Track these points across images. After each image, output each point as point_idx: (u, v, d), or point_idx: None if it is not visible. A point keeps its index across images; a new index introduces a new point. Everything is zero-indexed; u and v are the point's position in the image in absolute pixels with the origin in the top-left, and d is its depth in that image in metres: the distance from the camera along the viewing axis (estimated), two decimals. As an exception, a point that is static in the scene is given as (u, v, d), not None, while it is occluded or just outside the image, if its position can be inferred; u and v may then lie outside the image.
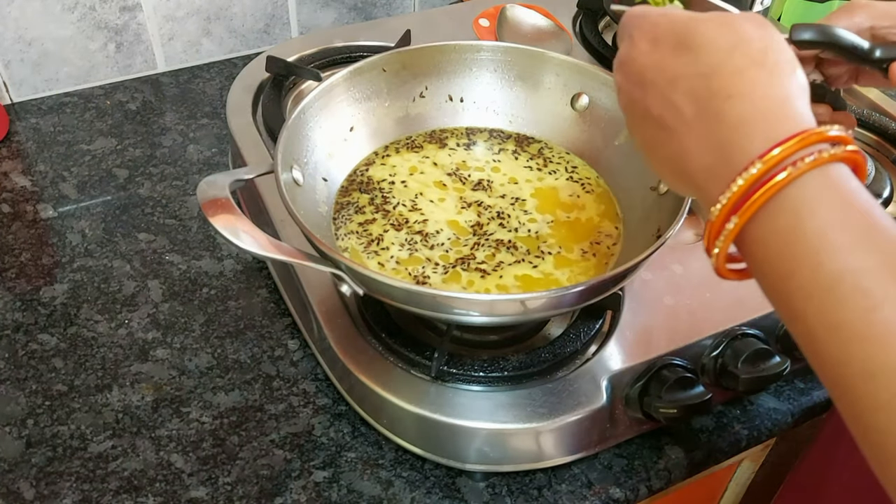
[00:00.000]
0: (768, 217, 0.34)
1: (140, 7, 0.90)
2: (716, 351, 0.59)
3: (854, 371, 0.31)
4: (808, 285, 0.32)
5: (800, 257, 0.32)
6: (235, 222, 0.50)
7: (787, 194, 0.33)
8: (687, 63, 0.37)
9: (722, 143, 0.35)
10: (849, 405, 0.32)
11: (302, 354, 0.65)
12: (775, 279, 0.34)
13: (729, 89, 0.35)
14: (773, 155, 0.33)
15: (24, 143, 0.85)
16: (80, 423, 0.60)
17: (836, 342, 0.31)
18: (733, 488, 0.78)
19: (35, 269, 0.71)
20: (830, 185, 0.33)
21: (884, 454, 0.30)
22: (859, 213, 0.32)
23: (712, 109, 0.36)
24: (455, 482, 0.57)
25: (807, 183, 0.33)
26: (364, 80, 0.65)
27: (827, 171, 0.33)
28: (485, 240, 0.59)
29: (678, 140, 0.37)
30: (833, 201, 0.32)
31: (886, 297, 0.30)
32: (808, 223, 0.32)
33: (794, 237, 0.33)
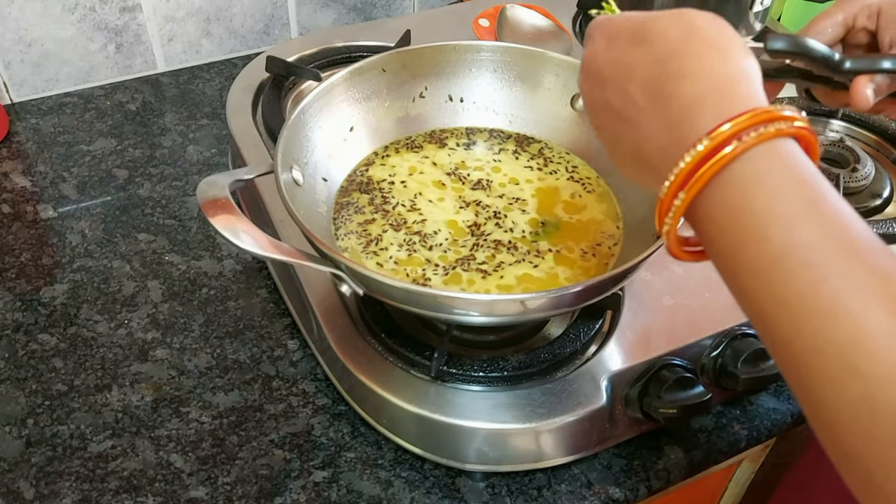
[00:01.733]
0: (716, 193, 0.34)
1: (140, 8, 0.90)
2: (715, 351, 0.59)
3: (803, 346, 0.31)
4: (755, 261, 0.32)
5: (747, 233, 0.32)
6: (235, 222, 0.50)
7: (733, 169, 0.33)
8: (642, 53, 0.38)
9: (676, 123, 0.35)
10: (800, 382, 0.31)
11: (301, 354, 0.65)
12: (725, 256, 0.34)
13: (682, 70, 0.36)
14: (722, 131, 0.33)
15: (24, 144, 0.85)
16: (80, 422, 0.60)
17: (784, 317, 0.31)
18: (733, 488, 0.78)
19: (35, 269, 0.71)
20: (777, 160, 0.33)
21: (834, 429, 0.30)
22: (806, 186, 0.32)
23: (666, 91, 0.36)
24: (455, 482, 0.57)
25: (753, 158, 0.33)
26: (364, 81, 0.65)
27: (774, 146, 0.33)
28: (483, 240, 0.59)
29: (635, 128, 0.38)
30: (779, 176, 0.32)
31: (833, 271, 0.30)
32: (754, 198, 0.32)
33: (740, 212, 0.33)
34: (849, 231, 0.31)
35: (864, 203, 0.73)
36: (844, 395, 0.29)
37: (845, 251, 0.30)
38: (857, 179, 0.74)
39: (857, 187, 0.74)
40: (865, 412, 0.29)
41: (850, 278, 0.30)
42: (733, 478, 0.77)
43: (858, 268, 0.30)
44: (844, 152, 0.76)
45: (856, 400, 0.29)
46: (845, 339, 0.29)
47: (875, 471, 0.29)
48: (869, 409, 0.29)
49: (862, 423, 0.29)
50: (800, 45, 0.46)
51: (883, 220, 0.69)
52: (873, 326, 0.29)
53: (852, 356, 0.29)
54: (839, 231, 0.31)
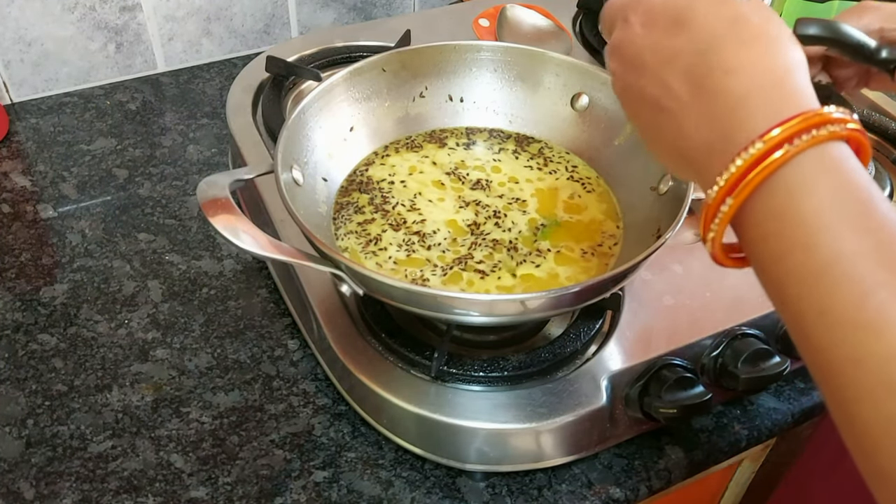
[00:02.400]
0: (764, 197, 0.33)
1: (140, 7, 0.90)
2: (716, 351, 0.59)
3: (841, 357, 0.30)
4: (800, 268, 0.31)
5: (793, 239, 0.31)
6: (235, 222, 0.50)
7: (783, 174, 0.32)
8: (683, 41, 0.36)
9: (721, 119, 0.34)
10: (834, 393, 0.31)
11: (302, 354, 0.65)
12: (768, 262, 0.33)
13: (727, 64, 0.34)
14: (773, 136, 0.32)
15: (24, 143, 0.85)
16: (80, 423, 0.60)
17: (824, 327, 0.30)
18: (733, 488, 0.78)
19: (35, 269, 0.71)
20: (828, 165, 0.32)
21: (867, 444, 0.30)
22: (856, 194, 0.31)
23: (710, 85, 0.35)
24: (455, 482, 0.57)
25: (803, 162, 0.32)
26: (364, 80, 0.65)
27: (825, 150, 0.32)
28: (482, 239, 0.59)
29: (676, 120, 0.36)
30: (829, 182, 0.31)
31: (879, 283, 0.29)
32: (803, 204, 0.31)
33: (788, 218, 0.32)
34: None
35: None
36: (880, 411, 0.29)
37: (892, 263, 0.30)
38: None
39: (857, 187, 0.74)
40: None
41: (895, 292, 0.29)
42: (733, 478, 0.77)
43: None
44: (844, 152, 0.76)
45: (891, 415, 0.28)
46: (887, 353, 0.29)
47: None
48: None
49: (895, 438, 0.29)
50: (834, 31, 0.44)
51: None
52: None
53: (892, 371, 0.28)
54: (887, 242, 0.30)
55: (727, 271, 0.39)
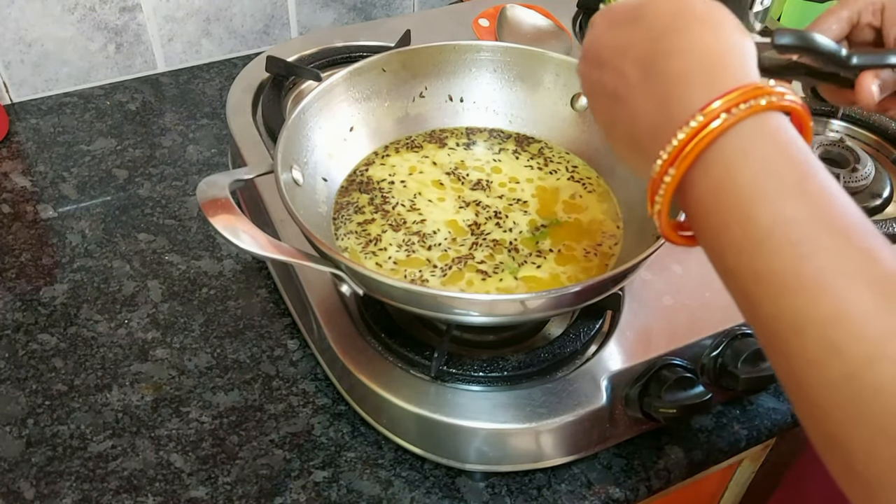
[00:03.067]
0: (703, 170, 0.33)
1: (140, 8, 0.90)
2: (716, 351, 0.59)
3: (785, 325, 0.30)
4: (739, 238, 0.31)
5: (732, 210, 0.32)
6: (235, 222, 0.50)
7: (721, 144, 0.32)
8: (636, 33, 0.37)
9: (663, 100, 0.35)
10: (782, 363, 0.31)
11: (301, 354, 0.65)
12: (711, 235, 0.33)
13: (671, 46, 0.35)
14: (714, 108, 0.32)
15: (24, 144, 0.85)
16: (80, 422, 0.60)
17: (766, 296, 0.31)
18: (733, 488, 0.78)
19: (35, 269, 0.71)
20: (765, 134, 0.32)
21: (815, 411, 0.30)
22: (793, 162, 0.31)
23: (656, 68, 0.36)
24: (455, 482, 0.57)
25: (741, 132, 0.32)
26: (364, 80, 0.65)
27: (763, 120, 0.32)
28: (482, 240, 0.59)
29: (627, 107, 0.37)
30: (766, 150, 0.32)
31: (817, 248, 0.29)
32: (740, 174, 0.32)
33: (726, 189, 0.32)
34: (835, 208, 0.30)
35: (864, 203, 0.73)
36: (825, 375, 0.29)
37: (830, 229, 0.30)
38: (857, 179, 0.74)
39: (857, 187, 0.74)
40: (846, 392, 0.28)
41: (834, 256, 0.29)
42: (733, 478, 0.77)
43: (843, 246, 0.29)
44: (844, 152, 0.76)
45: (837, 380, 0.28)
46: (826, 317, 0.29)
47: (856, 454, 0.28)
48: (850, 389, 0.28)
49: (842, 403, 0.28)
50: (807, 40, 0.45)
51: (883, 220, 0.69)
52: (856, 305, 0.28)
53: (833, 335, 0.28)
54: (825, 208, 0.30)
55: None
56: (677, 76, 0.35)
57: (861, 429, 0.28)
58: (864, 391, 0.28)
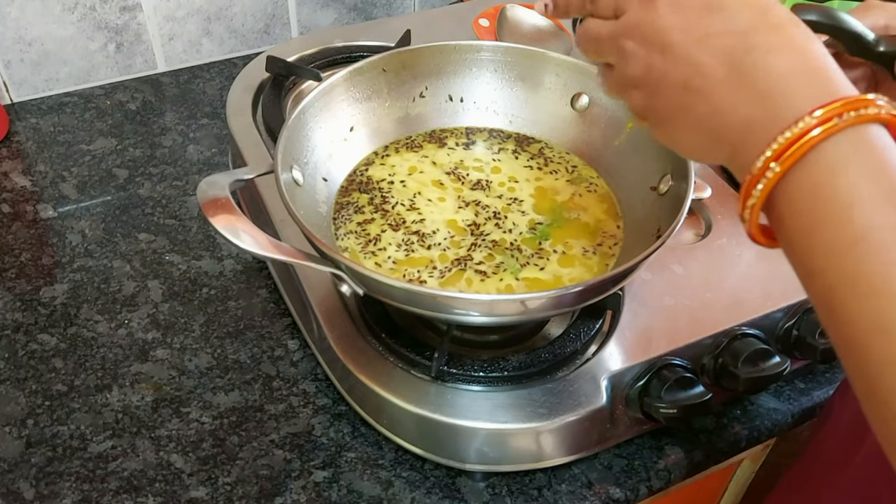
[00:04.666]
0: (802, 171, 0.34)
1: (140, 7, 0.90)
2: (716, 351, 0.59)
3: (867, 326, 0.31)
4: (831, 240, 0.32)
5: (827, 212, 0.32)
6: (235, 222, 0.50)
7: (823, 148, 0.33)
8: (718, 21, 0.37)
9: (762, 96, 0.35)
10: (857, 362, 0.32)
11: (302, 354, 0.65)
12: (801, 234, 0.34)
13: (769, 44, 0.35)
14: (821, 114, 0.33)
15: (24, 143, 0.85)
16: (80, 423, 0.60)
17: (852, 296, 0.31)
18: (733, 488, 0.78)
19: (35, 269, 0.71)
20: (864, 144, 0.33)
21: (889, 413, 0.31)
22: (890, 172, 0.32)
23: (751, 63, 0.35)
24: (455, 482, 0.57)
25: (842, 141, 0.33)
26: (364, 80, 0.65)
27: (863, 131, 0.33)
28: (481, 240, 0.59)
29: (708, 99, 0.37)
30: (867, 158, 0.32)
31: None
32: (840, 178, 0.32)
33: (824, 191, 0.33)
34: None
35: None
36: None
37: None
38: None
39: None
40: None
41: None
42: (733, 478, 0.77)
43: None
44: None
45: None
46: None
47: None
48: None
49: None
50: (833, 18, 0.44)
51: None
52: None
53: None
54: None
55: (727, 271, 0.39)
56: (776, 75, 0.35)
57: None
58: None
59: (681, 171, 0.56)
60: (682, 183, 0.55)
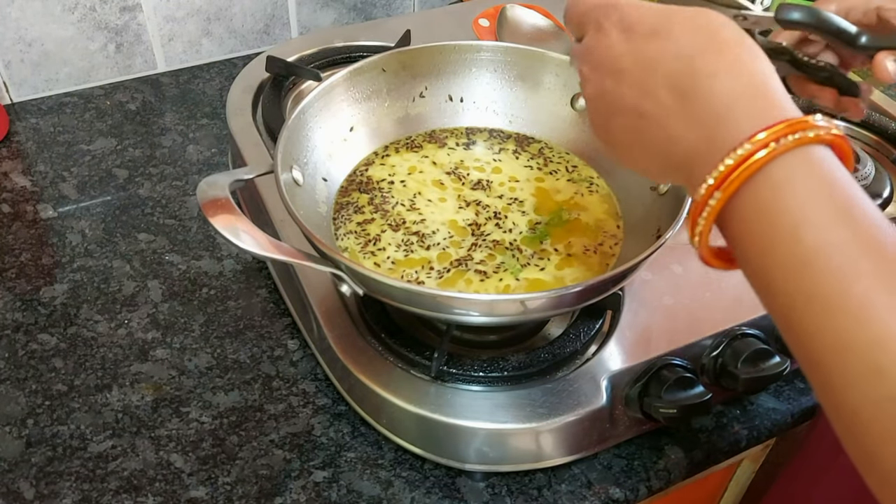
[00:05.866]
0: (749, 194, 0.34)
1: (140, 7, 0.90)
2: (716, 351, 0.59)
3: (827, 345, 0.31)
4: (786, 260, 0.32)
5: (779, 232, 0.33)
6: (235, 222, 0.50)
7: (768, 171, 0.33)
8: (664, 48, 0.37)
9: (707, 122, 0.35)
10: (823, 381, 0.32)
11: (302, 354, 0.65)
12: (755, 255, 0.34)
13: (712, 67, 0.35)
14: (761, 138, 0.33)
15: (24, 143, 0.85)
16: (80, 422, 0.60)
17: (810, 315, 0.31)
18: (733, 488, 0.78)
19: (35, 269, 0.71)
20: (812, 164, 0.33)
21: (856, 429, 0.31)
22: (838, 190, 0.32)
23: (695, 88, 0.36)
24: (455, 482, 0.57)
25: (788, 161, 0.33)
26: (364, 81, 0.65)
27: (809, 151, 0.33)
28: (481, 240, 0.59)
29: (660, 125, 0.37)
30: (813, 178, 0.33)
31: (863, 272, 0.30)
32: (788, 199, 0.32)
33: (773, 212, 0.33)
34: (879, 234, 0.31)
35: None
36: (867, 395, 0.29)
37: (875, 253, 0.31)
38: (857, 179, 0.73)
39: (857, 187, 0.73)
40: (887, 413, 0.29)
41: (879, 280, 0.30)
42: (733, 478, 0.77)
43: (887, 269, 0.30)
44: (844, 152, 0.76)
45: (878, 400, 0.29)
46: (871, 339, 0.29)
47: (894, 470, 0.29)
48: (891, 410, 0.29)
49: (884, 423, 0.29)
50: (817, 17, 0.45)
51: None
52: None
53: (877, 357, 0.29)
54: (870, 233, 0.31)
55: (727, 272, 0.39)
56: (720, 101, 0.35)
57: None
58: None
59: (681, 171, 0.56)
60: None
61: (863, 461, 0.31)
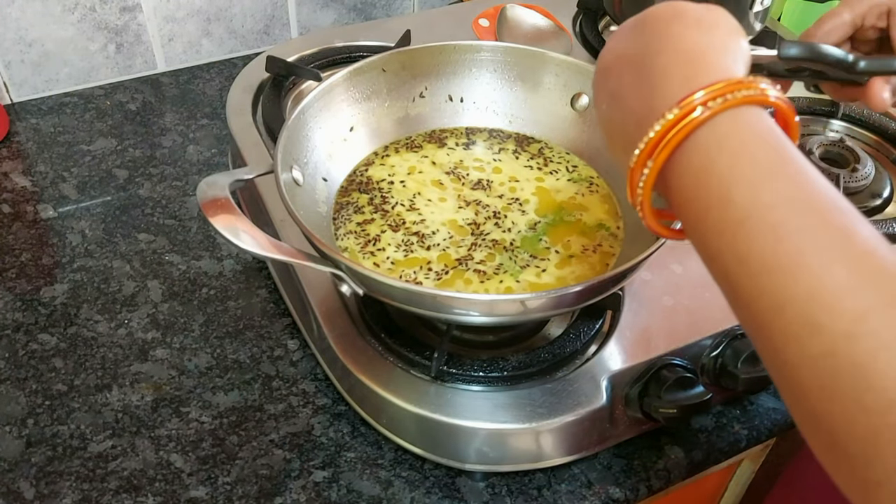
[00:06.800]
0: (683, 159, 0.34)
1: (140, 8, 0.90)
2: (715, 351, 0.59)
3: (765, 305, 0.31)
4: (720, 221, 0.32)
5: (712, 194, 0.33)
6: (235, 222, 0.50)
7: (699, 134, 0.33)
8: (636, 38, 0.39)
9: (647, 95, 0.36)
10: (764, 342, 0.32)
11: (301, 354, 0.65)
12: (694, 221, 0.34)
13: (661, 46, 0.37)
14: (691, 100, 0.33)
15: (24, 144, 0.85)
16: (80, 422, 0.60)
17: (746, 276, 0.31)
18: (733, 488, 0.78)
19: (35, 269, 0.71)
20: (741, 124, 0.33)
21: (797, 389, 0.30)
22: (769, 148, 0.32)
23: (646, 66, 0.37)
24: (455, 482, 0.57)
25: (719, 123, 0.33)
26: (364, 81, 0.65)
27: (740, 112, 0.33)
28: (481, 240, 0.59)
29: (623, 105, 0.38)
30: (743, 138, 0.33)
31: (794, 229, 0.30)
32: (718, 160, 0.33)
33: (705, 175, 0.33)
34: (811, 190, 0.31)
35: (864, 203, 0.73)
36: (806, 352, 0.29)
37: (807, 210, 0.31)
38: (857, 179, 0.74)
39: (857, 187, 0.74)
40: (827, 368, 0.29)
41: (810, 235, 0.30)
42: (733, 478, 0.77)
43: (819, 226, 0.30)
44: (844, 152, 0.76)
45: (817, 356, 0.29)
46: (805, 295, 0.29)
47: (838, 429, 0.29)
48: (830, 366, 0.29)
49: (824, 379, 0.29)
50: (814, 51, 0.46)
51: (883, 220, 0.69)
52: (833, 281, 0.29)
53: (813, 312, 0.29)
54: (802, 190, 0.31)
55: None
56: (661, 71, 0.36)
57: (840, 404, 0.28)
58: (843, 367, 0.28)
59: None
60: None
61: (807, 424, 0.31)
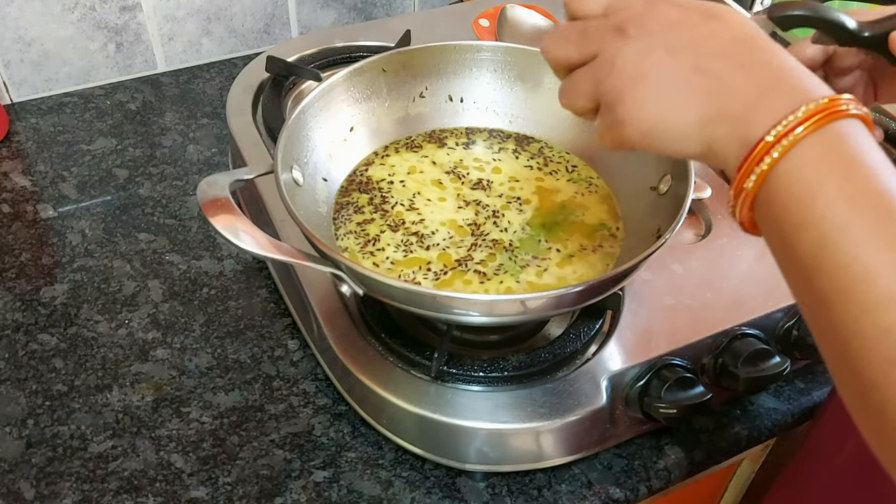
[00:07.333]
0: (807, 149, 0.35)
1: (140, 7, 0.90)
2: (716, 351, 0.59)
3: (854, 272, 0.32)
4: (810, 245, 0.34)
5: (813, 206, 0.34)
6: (235, 222, 0.50)
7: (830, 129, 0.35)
8: (718, 27, 0.40)
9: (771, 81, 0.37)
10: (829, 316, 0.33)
11: (302, 354, 0.65)
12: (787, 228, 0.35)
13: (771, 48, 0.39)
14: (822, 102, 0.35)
15: (24, 143, 0.85)
16: (80, 423, 0.60)
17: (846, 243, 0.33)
18: (733, 488, 0.78)
19: (35, 269, 0.71)
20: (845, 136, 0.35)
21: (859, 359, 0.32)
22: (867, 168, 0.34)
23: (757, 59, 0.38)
24: (455, 482, 0.57)
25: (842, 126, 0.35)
26: (364, 81, 0.65)
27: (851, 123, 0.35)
28: (481, 240, 0.59)
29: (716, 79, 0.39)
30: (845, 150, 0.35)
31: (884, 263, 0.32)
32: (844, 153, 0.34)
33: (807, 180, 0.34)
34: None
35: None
36: (878, 323, 0.31)
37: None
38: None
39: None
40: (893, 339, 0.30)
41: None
42: (733, 478, 0.77)
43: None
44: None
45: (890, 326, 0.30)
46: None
47: (890, 400, 0.30)
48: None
49: (887, 350, 0.30)
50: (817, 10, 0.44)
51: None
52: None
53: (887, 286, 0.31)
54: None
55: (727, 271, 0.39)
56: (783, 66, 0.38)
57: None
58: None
59: (681, 171, 0.56)
60: (682, 183, 0.55)
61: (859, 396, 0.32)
